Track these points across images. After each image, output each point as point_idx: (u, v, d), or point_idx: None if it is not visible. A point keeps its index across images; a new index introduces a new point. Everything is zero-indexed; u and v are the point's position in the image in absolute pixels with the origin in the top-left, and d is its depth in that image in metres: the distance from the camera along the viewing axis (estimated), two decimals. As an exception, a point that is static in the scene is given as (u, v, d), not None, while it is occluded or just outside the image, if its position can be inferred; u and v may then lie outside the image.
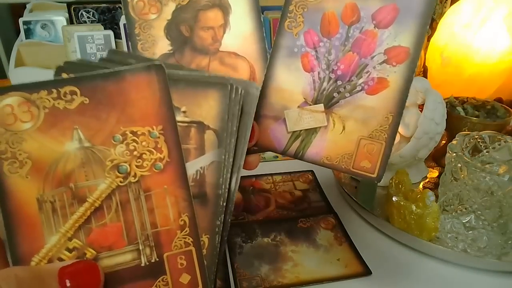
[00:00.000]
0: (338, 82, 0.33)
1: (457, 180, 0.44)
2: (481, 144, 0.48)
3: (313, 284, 0.41)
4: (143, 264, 0.25)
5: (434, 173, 0.60)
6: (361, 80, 0.33)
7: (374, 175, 0.31)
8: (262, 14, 1.07)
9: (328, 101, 0.33)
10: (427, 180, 0.59)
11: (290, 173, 0.62)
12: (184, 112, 0.25)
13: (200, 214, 0.25)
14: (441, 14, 0.90)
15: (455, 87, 0.71)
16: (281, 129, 0.34)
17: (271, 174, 0.61)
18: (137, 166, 0.25)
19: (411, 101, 0.54)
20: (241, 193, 0.57)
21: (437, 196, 0.47)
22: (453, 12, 0.74)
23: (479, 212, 0.42)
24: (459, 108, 0.59)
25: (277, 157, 0.67)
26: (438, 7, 0.94)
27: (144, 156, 0.25)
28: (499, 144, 0.47)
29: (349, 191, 0.54)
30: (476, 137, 0.48)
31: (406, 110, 0.56)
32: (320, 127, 0.33)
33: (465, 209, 0.43)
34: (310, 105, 0.33)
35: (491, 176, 0.40)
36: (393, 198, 0.47)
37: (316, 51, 0.33)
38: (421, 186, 0.57)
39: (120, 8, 0.99)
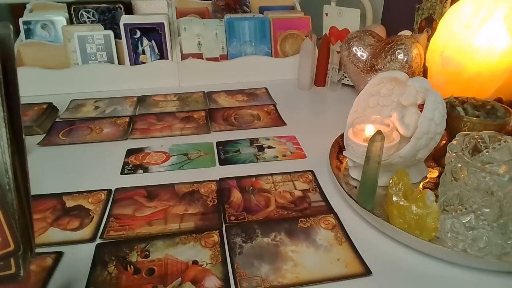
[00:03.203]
0: None
1: (457, 180, 0.44)
2: (481, 144, 0.48)
3: (313, 284, 0.41)
4: None
5: (434, 173, 0.60)
6: None
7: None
8: (262, 14, 1.07)
9: None
10: (427, 180, 0.59)
11: (290, 173, 0.62)
12: None
13: None
14: (441, 14, 0.90)
15: (455, 87, 0.71)
16: None
17: (271, 174, 0.61)
18: None
19: (411, 101, 0.54)
20: (241, 193, 0.57)
21: (437, 196, 0.47)
22: (453, 12, 0.74)
23: (479, 212, 0.42)
24: (459, 108, 0.59)
25: (277, 157, 0.67)
26: (438, 7, 0.94)
27: None
28: (499, 144, 0.47)
29: (349, 191, 0.54)
30: (476, 137, 0.48)
31: (406, 110, 0.56)
32: None
33: (465, 209, 0.43)
34: None
35: (491, 176, 0.40)
36: (393, 198, 0.47)
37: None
38: (421, 186, 0.57)
39: (120, 8, 0.99)
